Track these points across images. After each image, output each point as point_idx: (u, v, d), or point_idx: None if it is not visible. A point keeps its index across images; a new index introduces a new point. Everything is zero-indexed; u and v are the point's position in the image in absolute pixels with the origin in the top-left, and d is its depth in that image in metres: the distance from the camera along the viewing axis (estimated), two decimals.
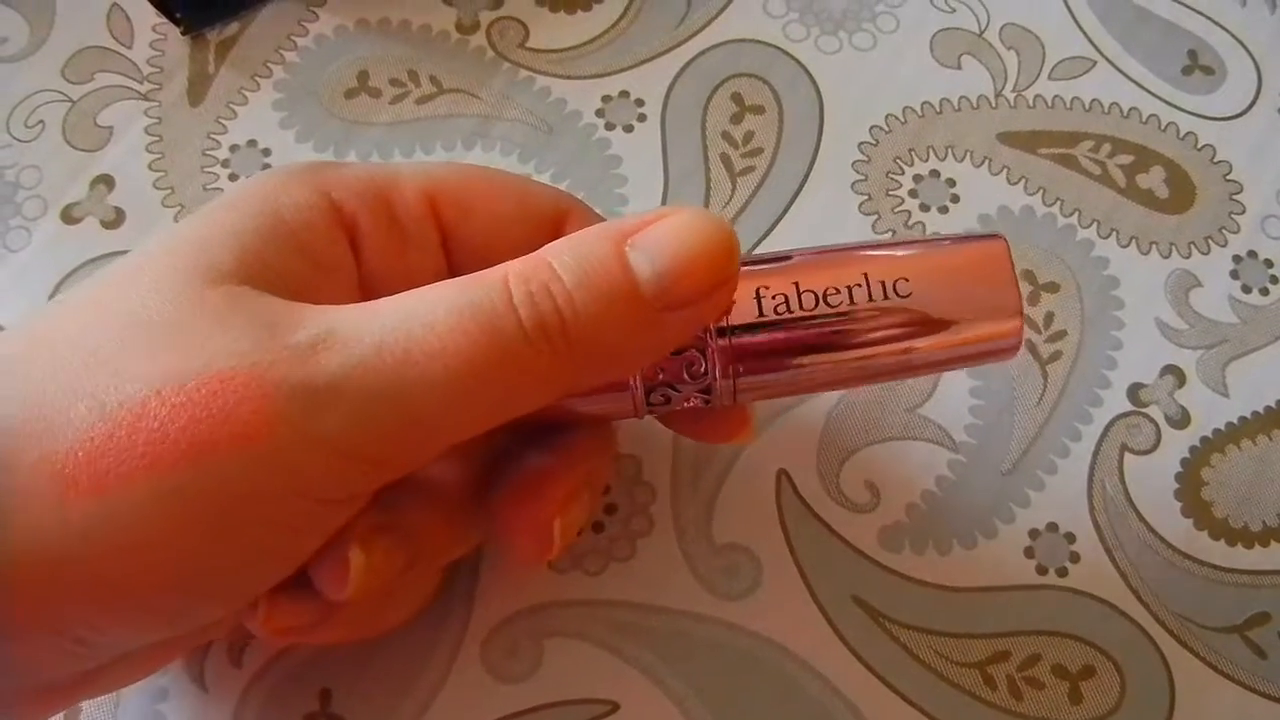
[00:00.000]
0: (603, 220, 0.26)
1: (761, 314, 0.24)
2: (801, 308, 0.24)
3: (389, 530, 0.23)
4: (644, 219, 0.21)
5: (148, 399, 0.19)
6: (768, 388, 0.25)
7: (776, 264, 0.24)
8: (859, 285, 0.24)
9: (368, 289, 0.25)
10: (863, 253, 0.24)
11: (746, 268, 0.24)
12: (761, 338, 0.24)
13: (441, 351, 0.20)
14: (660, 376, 0.24)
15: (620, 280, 0.21)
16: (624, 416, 0.26)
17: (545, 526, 0.25)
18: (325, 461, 0.20)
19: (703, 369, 0.24)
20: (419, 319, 0.20)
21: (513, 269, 0.21)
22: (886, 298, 0.24)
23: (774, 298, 0.24)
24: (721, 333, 0.24)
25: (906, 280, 0.24)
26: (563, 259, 0.21)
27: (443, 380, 0.20)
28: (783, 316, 0.24)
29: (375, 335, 0.20)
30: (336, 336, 0.20)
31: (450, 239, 0.26)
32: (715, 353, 0.24)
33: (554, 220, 0.27)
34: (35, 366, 0.20)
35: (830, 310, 0.24)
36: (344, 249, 0.24)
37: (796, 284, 0.24)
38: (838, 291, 0.24)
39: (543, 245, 0.22)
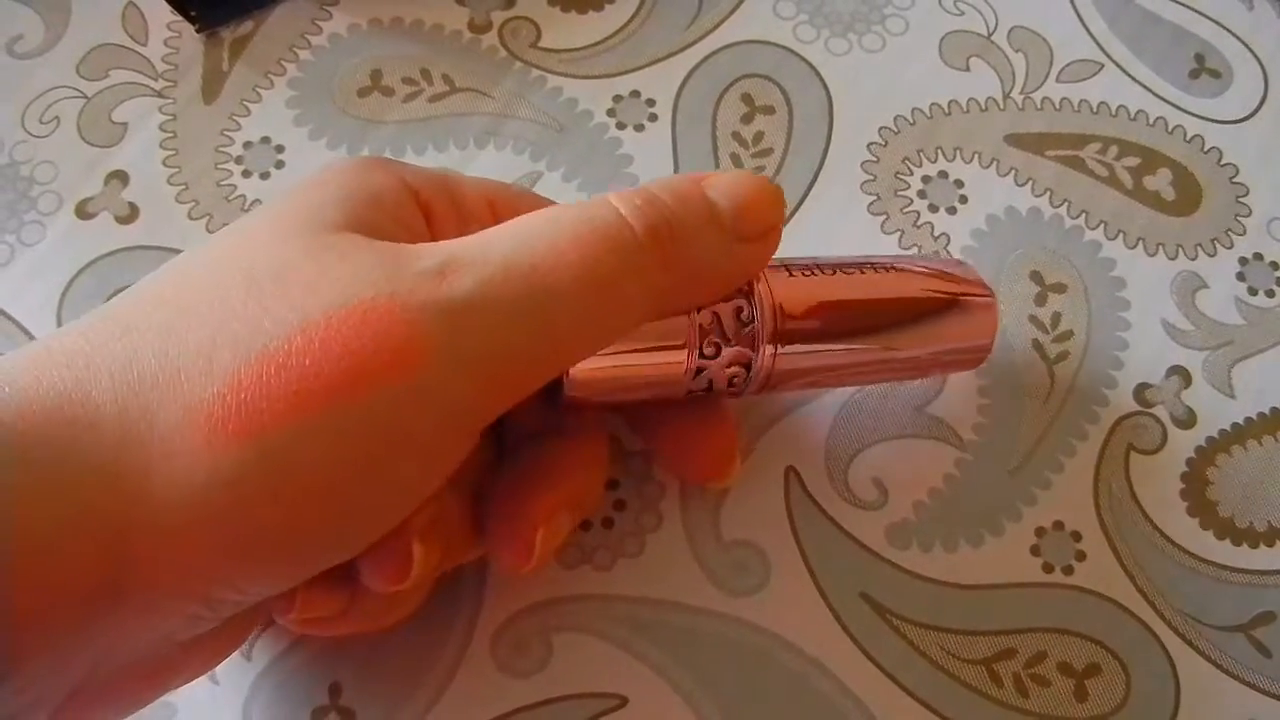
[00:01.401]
0: None
1: (791, 275, 0.26)
2: (823, 273, 0.27)
3: (440, 527, 0.24)
4: (706, 174, 0.25)
5: (292, 337, 0.19)
6: (798, 369, 0.27)
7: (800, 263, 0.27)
8: (867, 263, 0.28)
9: None
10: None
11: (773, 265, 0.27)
12: (800, 278, 0.26)
13: (568, 264, 0.21)
14: (713, 323, 0.25)
15: (706, 204, 0.24)
16: (671, 386, 0.26)
17: (526, 539, 0.25)
18: (472, 388, 0.20)
19: (750, 315, 0.25)
20: (539, 237, 0.21)
21: (612, 195, 0.23)
22: (889, 269, 0.28)
23: (800, 270, 0.27)
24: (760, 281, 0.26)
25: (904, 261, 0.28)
26: (658, 185, 0.24)
27: (572, 290, 0.21)
28: (812, 273, 0.27)
29: (499, 255, 0.21)
30: (460, 260, 0.21)
31: None
32: (763, 294, 0.26)
33: None
34: (166, 323, 0.20)
35: (852, 262, 0.28)
36: (425, 228, 0.25)
37: (815, 260, 0.27)
38: (851, 263, 0.28)
39: None
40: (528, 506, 0.25)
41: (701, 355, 0.25)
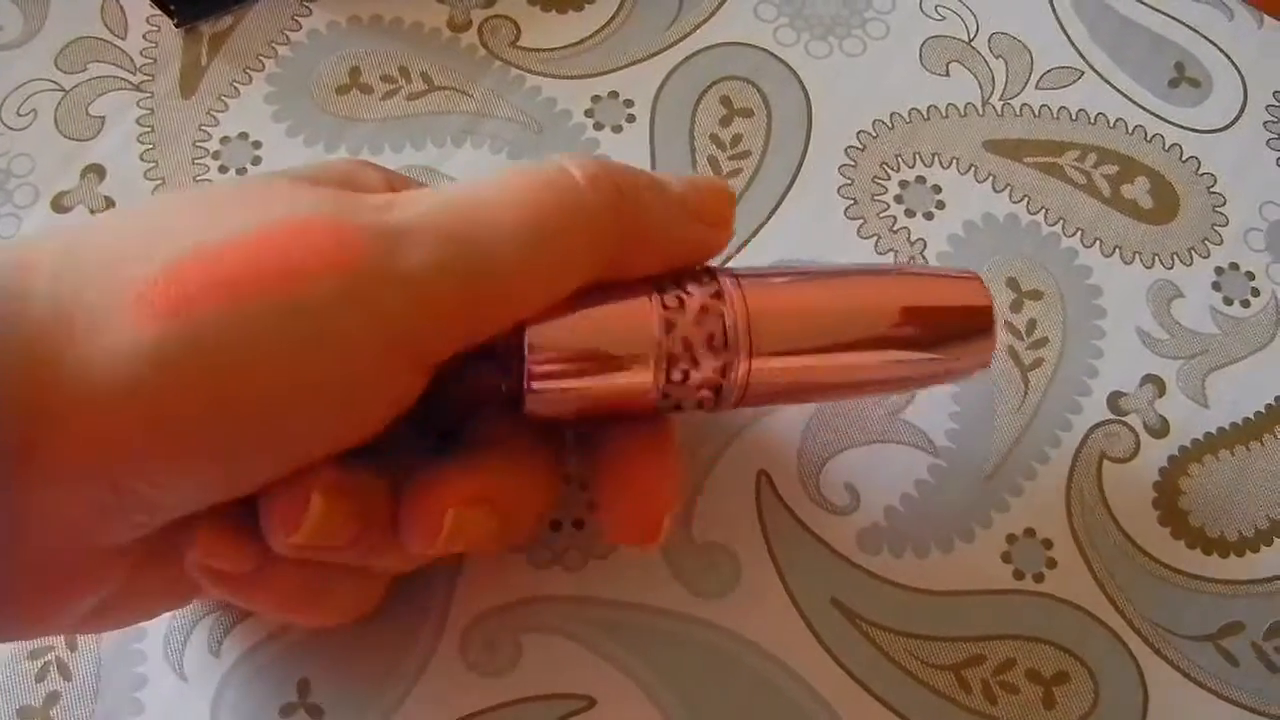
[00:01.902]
0: None
1: (768, 284, 0.26)
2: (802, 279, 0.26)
3: (351, 494, 0.23)
4: None
5: (233, 234, 0.20)
6: (772, 391, 0.26)
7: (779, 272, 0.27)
8: (853, 270, 0.27)
9: None
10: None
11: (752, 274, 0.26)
12: (769, 276, 0.26)
13: (510, 201, 0.22)
14: (684, 350, 0.24)
15: (654, 176, 0.25)
16: (638, 402, 0.25)
17: (435, 518, 0.24)
18: (404, 301, 0.21)
19: (722, 340, 0.24)
20: (487, 183, 0.23)
21: (563, 155, 0.24)
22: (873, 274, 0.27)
23: (780, 278, 0.26)
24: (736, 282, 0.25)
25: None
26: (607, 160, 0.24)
27: (513, 227, 0.22)
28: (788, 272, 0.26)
29: (446, 194, 0.22)
30: (408, 197, 0.22)
31: None
32: (730, 284, 0.25)
33: None
34: (113, 222, 0.22)
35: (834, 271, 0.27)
36: None
37: (796, 268, 0.27)
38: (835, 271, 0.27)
39: None
40: (446, 487, 0.24)
41: (668, 380, 0.24)
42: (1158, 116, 0.37)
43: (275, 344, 0.20)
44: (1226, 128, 0.37)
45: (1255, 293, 0.35)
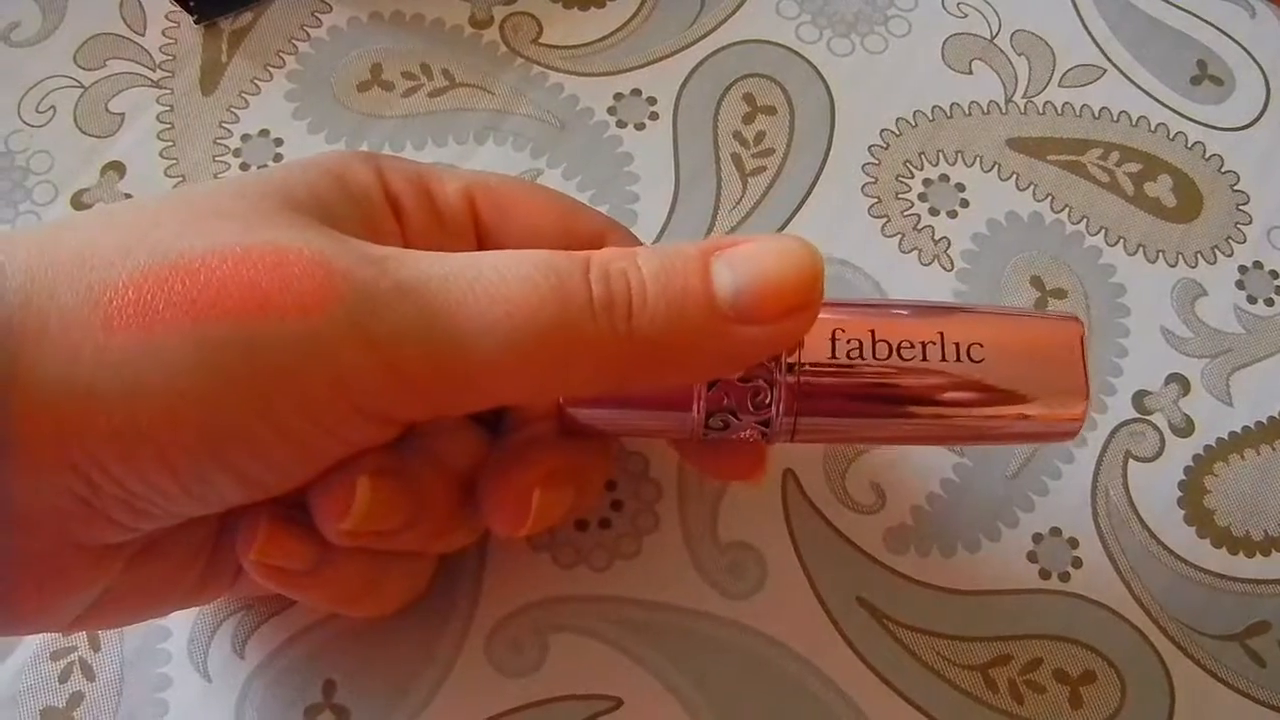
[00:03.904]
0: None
1: (834, 356, 0.24)
2: (875, 357, 0.24)
3: (399, 476, 0.23)
4: (740, 239, 0.22)
5: (209, 254, 0.20)
6: (826, 432, 0.25)
7: (857, 309, 0.24)
8: (934, 343, 0.24)
9: None
10: (942, 313, 0.25)
11: (827, 309, 0.24)
12: (830, 380, 0.24)
13: (506, 298, 0.20)
14: (725, 403, 0.24)
15: (697, 285, 0.21)
16: (682, 436, 0.25)
17: (524, 494, 0.24)
18: (368, 364, 0.20)
19: (768, 400, 0.24)
20: (492, 265, 0.21)
21: (599, 253, 0.21)
22: (959, 360, 0.24)
23: (849, 342, 0.24)
24: (791, 369, 0.23)
25: (981, 346, 0.24)
26: (648, 254, 0.21)
27: (501, 326, 0.20)
28: (854, 363, 0.24)
29: (446, 267, 0.21)
30: (407, 259, 0.21)
31: (487, 239, 0.27)
32: (783, 388, 0.24)
33: (593, 240, 0.27)
34: (95, 225, 0.21)
35: (902, 363, 0.24)
36: (395, 225, 0.25)
37: (873, 331, 0.24)
38: (912, 346, 0.24)
39: None
40: (527, 468, 0.25)
41: (708, 427, 0.24)
42: (1180, 114, 0.37)
43: (233, 377, 0.19)
44: (1249, 125, 0.37)
45: (1279, 291, 0.34)
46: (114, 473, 0.20)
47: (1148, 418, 0.33)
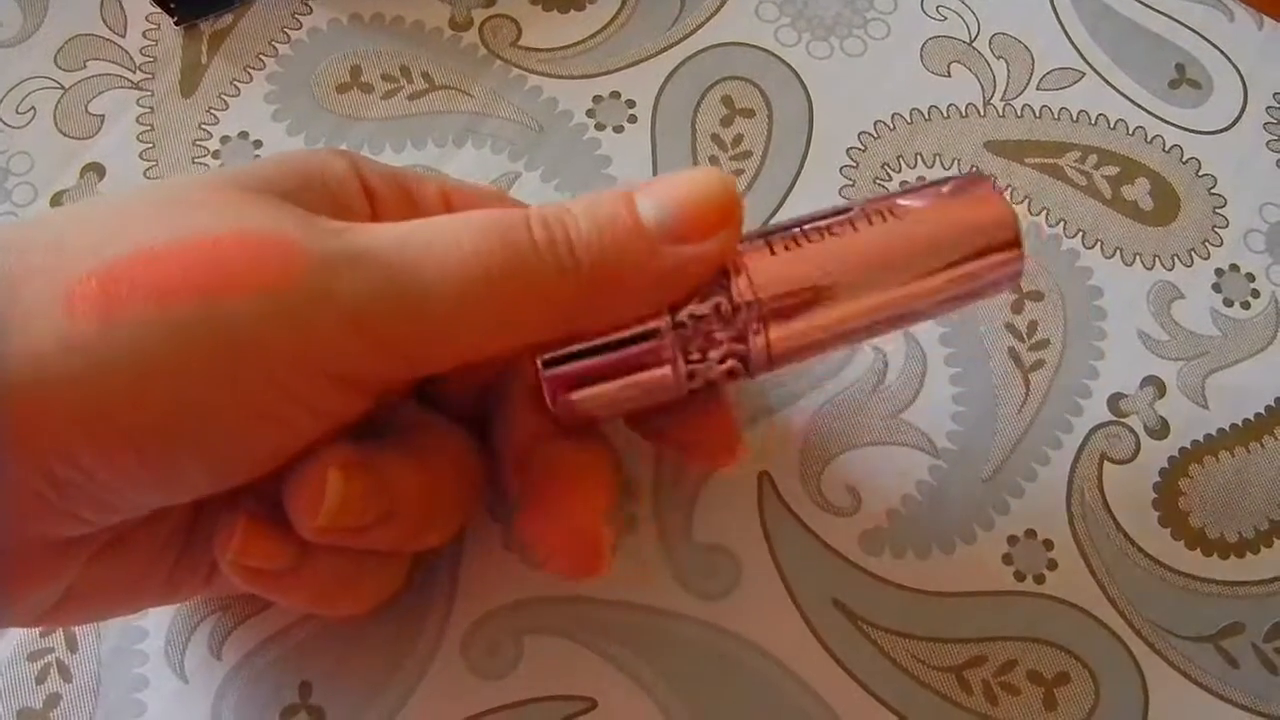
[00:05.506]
0: None
1: (774, 254, 0.25)
2: (809, 241, 0.25)
3: (369, 470, 0.23)
4: (648, 181, 0.24)
5: (172, 242, 0.20)
6: (799, 337, 0.25)
7: (779, 226, 0.26)
8: (859, 217, 0.25)
9: None
10: (856, 203, 0.26)
11: (755, 236, 0.25)
12: (780, 269, 0.25)
13: (459, 248, 0.21)
14: (697, 341, 0.24)
15: (624, 214, 0.23)
16: (670, 396, 0.25)
17: (599, 547, 0.25)
18: (335, 326, 0.21)
19: (734, 318, 0.24)
20: (443, 226, 0.22)
21: (537, 206, 0.23)
22: (885, 221, 0.25)
23: (783, 244, 0.25)
24: (742, 277, 0.24)
25: (900, 203, 0.25)
26: (577, 201, 0.23)
27: (457, 274, 0.21)
28: (793, 250, 0.25)
29: (402, 231, 0.22)
30: (363, 229, 0.22)
31: None
32: (742, 303, 0.24)
33: None
34: (69, 218, 0.22)
35: (836, 236, 0.25)
36: (369, 212, 0.26)
37: (801, 225, 0.25)
38: (841, 218, 0.25)
39: None
40: (589, 514, 0.25)
41: (689, 362, 0.24)
42: (1158, 118, 0.37)
43: (200, 353, 0.20)
44: (1227, 129, 0.37)
45: (1255, 294, 0.35)
46: (81, 461, 0.20)
47: (1123, 420, 0.33)
